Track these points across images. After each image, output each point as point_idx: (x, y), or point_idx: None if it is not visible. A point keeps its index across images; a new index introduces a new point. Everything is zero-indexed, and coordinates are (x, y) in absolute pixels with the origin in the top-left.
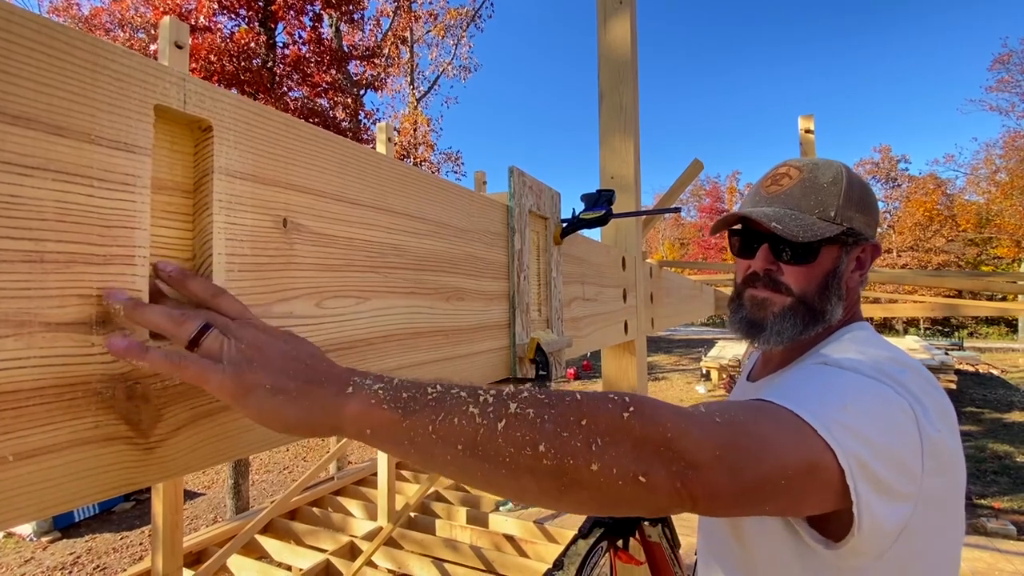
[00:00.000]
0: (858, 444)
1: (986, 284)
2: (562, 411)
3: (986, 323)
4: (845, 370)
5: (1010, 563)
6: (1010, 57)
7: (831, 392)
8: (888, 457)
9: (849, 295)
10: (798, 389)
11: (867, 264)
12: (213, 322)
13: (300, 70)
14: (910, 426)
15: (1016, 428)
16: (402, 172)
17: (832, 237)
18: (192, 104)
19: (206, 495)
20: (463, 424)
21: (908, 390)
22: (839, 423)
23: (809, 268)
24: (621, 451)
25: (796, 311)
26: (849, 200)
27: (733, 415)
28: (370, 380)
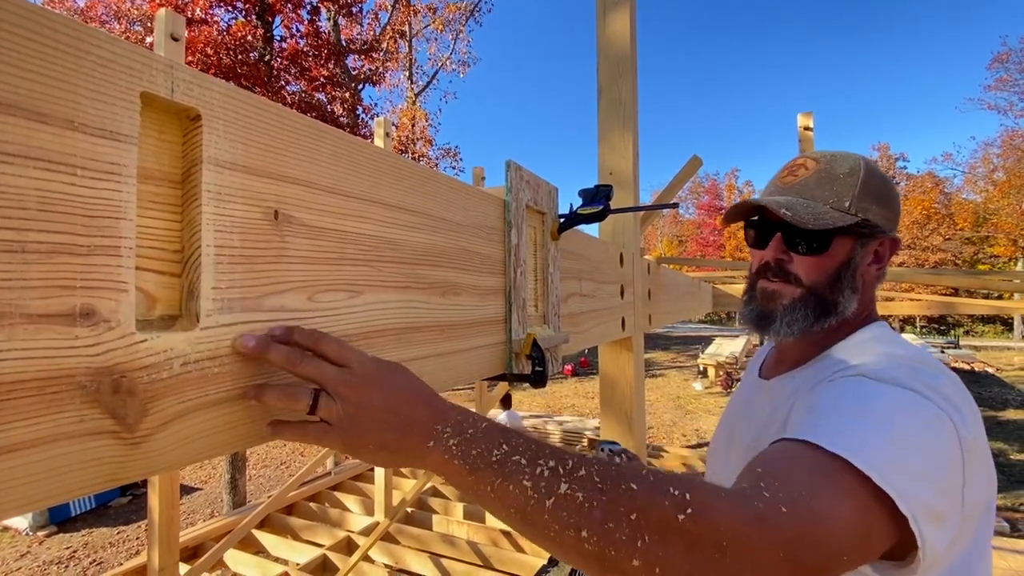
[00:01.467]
0: (918, 485)
1: (982, 283)
2: (613, 499)
3: (982, 321)
4: (883, 383)
5: (1003, 560)
6: (1009, 56)
7: (875, 421)
8: (943, 487)
9: (865, 289)
10: (839, 418)
11: (885, 258)
12: (320, 381)
13: (298, 64)
14: (954, 444)
15: (1011, 426)
16: (397, 165)
17: (845, 227)
18: (180, 92)
19: (203, 490)
20: (516, 493)
21: (948, 400)
22: (896, 466)
23: (821, 259)
24: (670, 552)
25: (807, 302)
26: (866, 192)
27: (798, 493)
28: (449, 431)
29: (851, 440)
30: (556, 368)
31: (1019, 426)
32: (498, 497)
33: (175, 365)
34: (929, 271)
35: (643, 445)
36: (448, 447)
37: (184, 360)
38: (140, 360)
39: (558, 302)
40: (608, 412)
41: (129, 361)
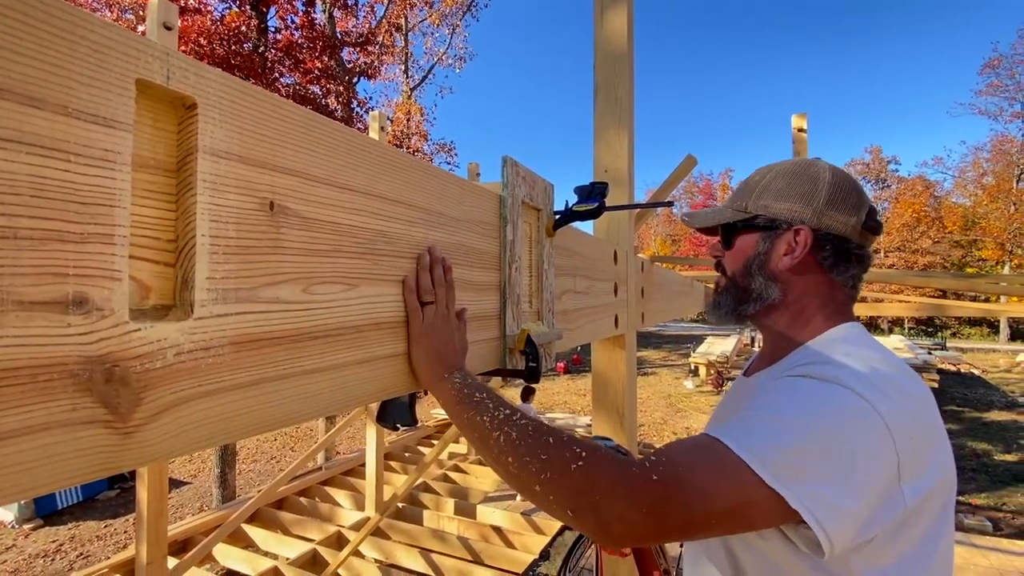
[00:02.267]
0: (793, 458)
1: (970, 285)
2: (534, 443)
3: (969, 324)
4: (820, 382)
5: (985, 558)
6: (1000, 62)
7: (778, 411)
8: (856, 484)
9: (803, 283)
10: (760, 416)
11: (800, 248)
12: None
13: (292, 56)
14: (883, 443)
15: (995, 427)
16: (393, 158)
17: (741, 223)
18: (176, 80)
19: (192, 484)
20: (479, 423)
21: (888, 399)
22: (775, 448)
23: (732, 252)
24: (561, 490)
25: (728, 289)
26: (768, 190)
27: (674, 468)
28: (458, 376)
29: (752, 437)
30: (549, 364)
31: (1003, 427)
32: (469, 423)
33: (168, 355)
34: (918, 273)
35: (634, 441)
36: (453, 383)
37: (178, 350)
38: (133, 349)
39: (552, 298)
40: (600, 409)
41: (122, 350)
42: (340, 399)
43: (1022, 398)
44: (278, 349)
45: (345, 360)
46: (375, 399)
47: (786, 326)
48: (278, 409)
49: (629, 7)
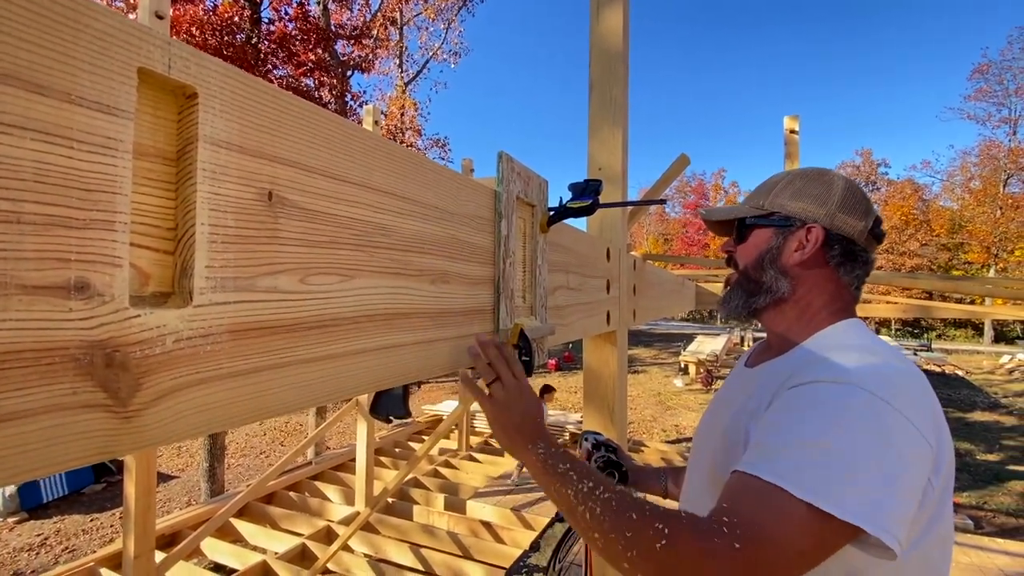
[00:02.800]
0: (871, 503)
1: (955, 287)
2: (618, 520)
3: (954, 325)
4: (843, 386)
5: (967, 555)
6: (989, 68)
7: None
8: (901, 489)
9: (813, 279)
10: (802, 446)
11: (811, 246)
12: (501, 377)
13: (285, 48)
14: (916, 442)
15: (978, 427)
16: (390, 151)
17: (756, 218)
18: (177, 69)
19: (180, 478)
20: (566, 495)
21: (904, 397)
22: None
23: (746, 246)
24: (648, 568)
25: (740, 283)
26: (784, 191)
27: (752, 531)
28: (542, 446)
29: (806, 474)
30: (542, 359)
31: (985, 427)
32: (556, 494)
33: (168, 341)
34: (905, 275)
35: (624, 437)
36: (537, 454)
37: (177, 337)
38: (133, 335)
39: (545, 294)
40: (591, 405)
41: (122, 336)
42: (335, 389)
43: (1005, 399)
44: (275, 338)
45: (340, 351)
46: (369, 390)
47: (794, 320)
48: (275, 397)
49: (625, 6)
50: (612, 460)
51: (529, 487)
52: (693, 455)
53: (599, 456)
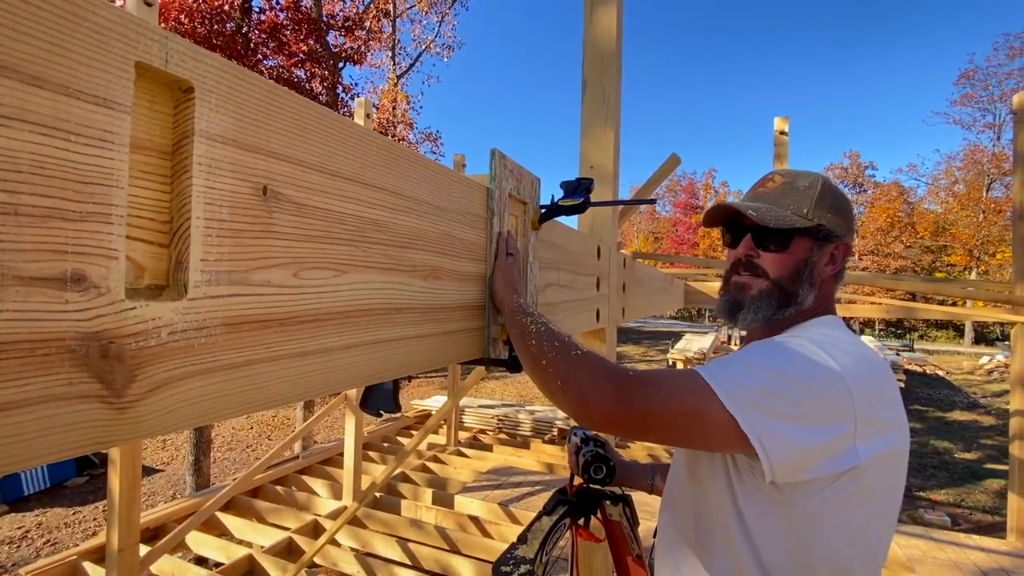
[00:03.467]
0: (753, 394)
1: (936, 288)
2: (553, 337)
3: (936, 327)
4: (800, 348)
5: (943, 551)
6: (975, 73)
7: (754, 357)
8: (805, 431)
9: (823, 287)
10: (731, 359)
11: (839, 260)
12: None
13: (276, 38)
14: (843, 408)
15: (956, 426)
16: (384, 147)
17: (802, 229)
18: (174, 64)
19: (165, 471)
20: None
21: (855, 374)
22: (738, 383)
23: (783, 255)
24: (560, 366)
25: (771, 293)
26: (821, 202)
27: (650, 375)
28: (520, 300)
29: (721, 368)
30: None
31: (964, 426)
32: (519, 325)
33: (162, 334)
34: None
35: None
36: (517, 302)
37: (171, 329)
38: (128, 327)
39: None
40: None
41: (117, 328)
42: (327, 382)
43: (983, 399)
44: (269, 331)
45: (333, 344)
46: (361, 384)
47: (792, 321)
48: (267, 390)
49: (619, 6)
50: (600, 454)
51: (516, 482)
52: (676, 451)
53: (587, 451)
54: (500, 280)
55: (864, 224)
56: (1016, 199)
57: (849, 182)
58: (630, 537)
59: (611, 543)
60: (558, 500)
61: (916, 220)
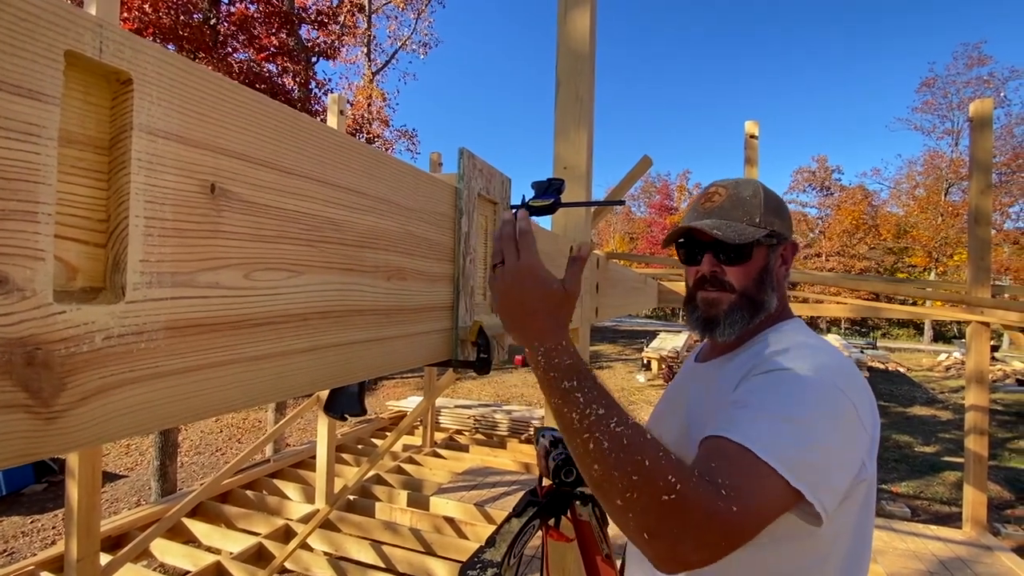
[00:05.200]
0: (805, 456)
1: (895, 289)
2: (625, 459)
3: (897, 325)
4: (803, 376)
5: (903, 542)
6: (935, 81)
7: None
8: (842, 467)
9: (779, 287)
10: (765, 416)
11: (790, 260)
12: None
13: (246, 30)
14: (858, 429)
15: (916, 421)
16: (343, 144)
17: (760, 239)
18: (109, 53)
19: (128, 477)
20: (565, 417)
21: (854, 390)
22: (805, 463)
23: (746, 267)
24: (645, 514)
25: (742, 305)
26: (768, 208)
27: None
28: (542, 350)
29: (779, 446)
30: (502, 355)
31: (923, 421)
32: (556, 412)
33: (96, 339)
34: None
35: None
36: (537, 360)
37: (107, 334)
38: (57, 332)
39: None
40: None
41: (45, 333)
42: (283, 387)
43: (941, 395)
44: (217, 335)
45: (289, 348)
46: (321, 388)
47: (761, 326)
48: (218, 395)
49: (592, 8)
50: (570, 456)
51: (492, 482)
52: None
53: (557, 454)
54: (503, 314)
55: (831, 226)
56: (971, 203)
57: (817, 185)
58: (599, 537)
59: (580, 543)
60: (528, 501)
61: (880, 222)
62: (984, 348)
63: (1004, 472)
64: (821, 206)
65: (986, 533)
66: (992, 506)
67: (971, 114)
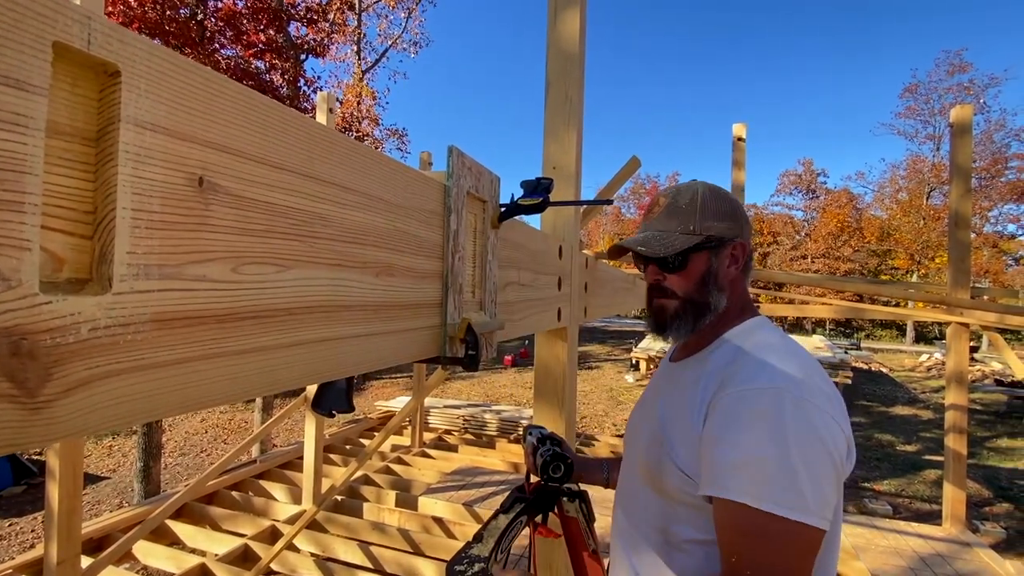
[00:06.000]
0: (828, 504)
1: (877, 290)
2: None
3: (880, 326)
4: (779, 391)
5: (885, 539)
6: (918, 87)
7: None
8: (831, 478)
9: (733, 286)
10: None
11: (741, 258)
12: None
13: (234, 26)
14: (841, 441)
15: (899, 420)
16: (331, 139)
17: (693, 246)
18: (98, 45)
19: (111, 479)
20: None
21: (827, 397)
22: (813, 499)
23: (684, 274)
24: None
25: (685, 309)
26: (704, 214)
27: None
28: None
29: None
30: (491, 353)
31: (905, 420)
32: None
33: (83, 330)
34: (839, 278)
35: (572, 429)
36: None
37: (93, 325)
38: (43, 323)
39: (495, 289)
40: (541, 398)
41: (30, 323)
42: (270, 381)
43: (923, 395)
44: (204, 328)
45: (276, 342)
46: (308, 382)
47: (716, 322)
48: (204, 389)
49: (583, 9)
50: (558, 453)
51: (481, 482)
52: (627, 446)
53: (545, 450)
54: None
55: (816, 229)
56: (952, 207)
57: (803, 188)
58: (586, 532)
59: (568, 539)
60: (515, 498)
61: (864, 225)
62: (964, 349)
63: (983, 470)
64: (807, 209)
65: (965, 530)
66: (971, 503)
67: (952, 120)
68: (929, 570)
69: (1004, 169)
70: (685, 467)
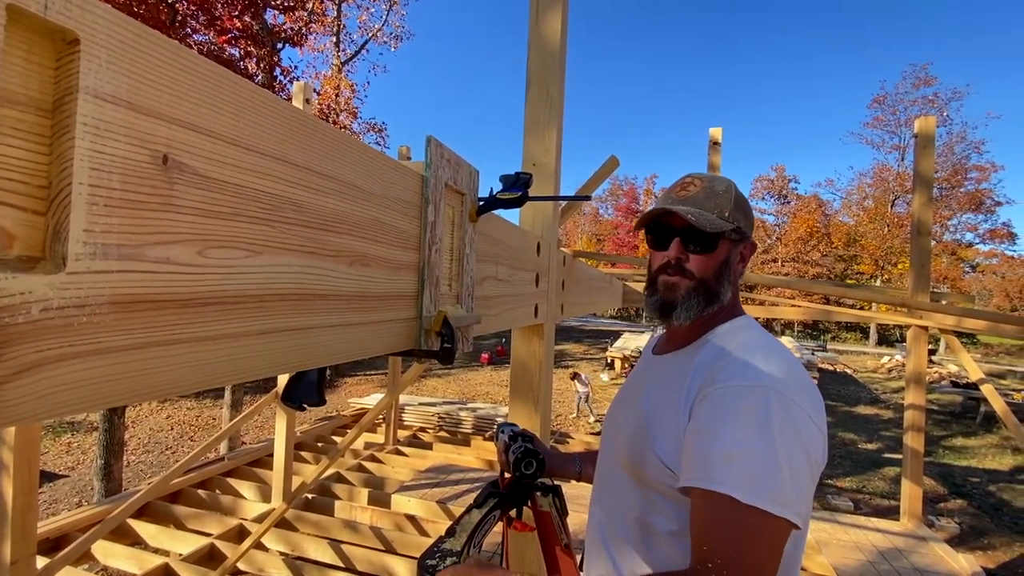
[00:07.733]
0: (805, 503)
1: (843, 292)
2: None
3: (846, 328)
4: (764, 389)
5: (847, 533)
6: (885, 98)
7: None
8: (808, 475)
9: (734, 283)
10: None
11: (747, 259)
12: None
13: (207, 11)
14: (819, 443)
15: (861, 420)
16: (306, 124)
17: (726, 232)
18: (55, 11)
19: (70, 477)
20: None
21: (810, 398)
22: (794, 496)
23: (709, 256)
24: None
25: (699, 291)
26: (737, 205)
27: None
28: None
29: (763, 484)
30: (467, 347)
31: (867, 420)
32: None
33: (33, 310)
34: (809, 281)
35: (547, 426)
36: None
37: (45, 306)
38: None
39: (472, 283)
40: (517, 394)
41: None
42: (236, 369)
43: (884, 395)
44: (167, 312)
45: (243, 329)
46: (277, 372)
47: (708, 318)
48: (165, 375)
49: (564, 9)
50: (530, 449)
51: (455, 479)
52: (607, 438)
53: (517, 447)
54: None
55: (787, 233)
56: (914, 215)
57: (775, 193)
58: (559, 527)
59: (540, 533)
60: (489, 492)
61: (832, 231)
62: (923, 351)
63: (938, 468)
64: (778, 213)
65: (921, 525)
66: (927, 500)
67: (916, 131)
68: (887, 563)
69: (964, 180)
70: (667, 460)
